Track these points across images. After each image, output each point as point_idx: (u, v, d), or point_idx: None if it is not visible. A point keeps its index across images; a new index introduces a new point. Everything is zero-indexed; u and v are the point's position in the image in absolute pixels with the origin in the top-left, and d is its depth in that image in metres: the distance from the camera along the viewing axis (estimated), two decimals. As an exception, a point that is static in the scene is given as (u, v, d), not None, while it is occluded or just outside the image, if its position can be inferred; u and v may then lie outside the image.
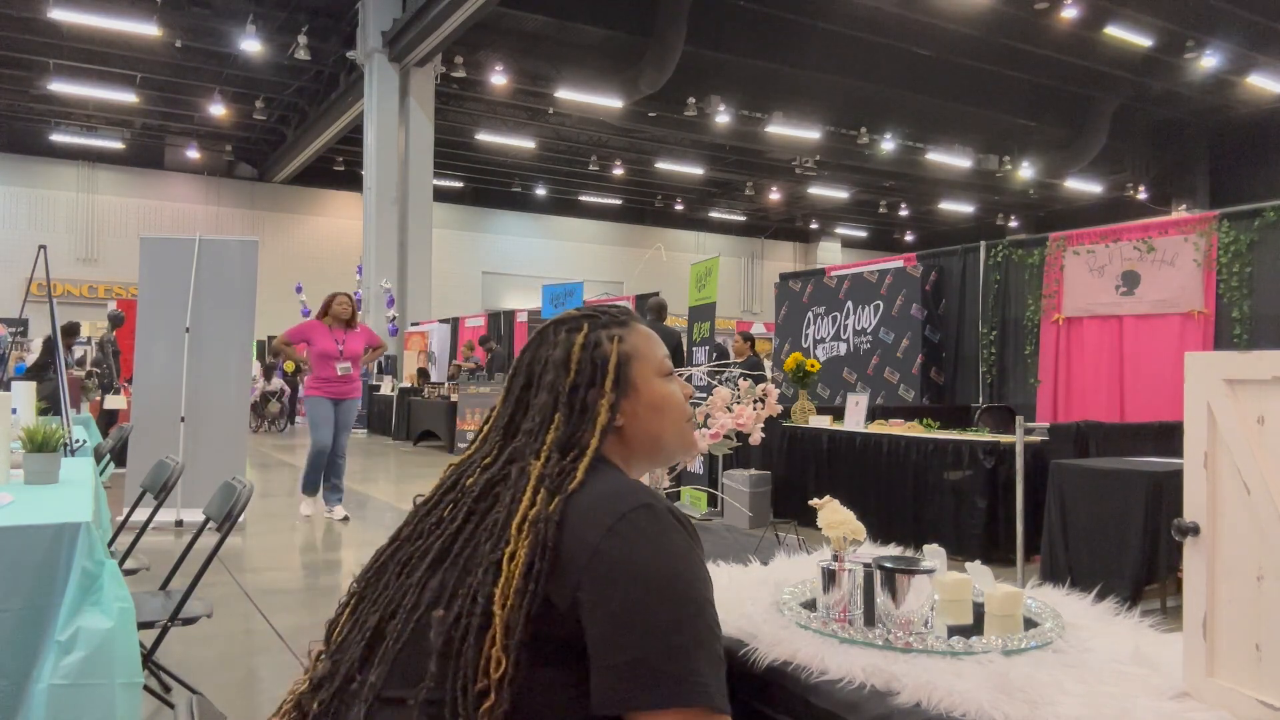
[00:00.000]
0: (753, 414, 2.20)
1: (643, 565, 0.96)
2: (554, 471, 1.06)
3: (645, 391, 1.18)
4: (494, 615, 0.96)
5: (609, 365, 1.15)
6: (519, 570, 0.97)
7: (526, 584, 0.97)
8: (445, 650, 0.96)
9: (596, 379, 1.15)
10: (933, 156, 21.27)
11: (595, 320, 1.21)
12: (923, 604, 1.18)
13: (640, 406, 1.17)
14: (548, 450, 1.09)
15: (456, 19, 13.83)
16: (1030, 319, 7.73)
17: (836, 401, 8.24)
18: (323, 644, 1.10)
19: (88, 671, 1.97)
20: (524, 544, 0.99)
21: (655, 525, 0.99)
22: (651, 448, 1.19)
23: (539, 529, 0.99)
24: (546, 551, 0.98)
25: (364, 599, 1.09)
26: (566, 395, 1.13)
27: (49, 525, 2.03)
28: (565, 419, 1.12)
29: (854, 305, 9.06)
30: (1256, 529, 0.90)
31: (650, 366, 1.19)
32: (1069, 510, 4.43)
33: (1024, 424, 4.78)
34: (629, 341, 1.19)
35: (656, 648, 0.93)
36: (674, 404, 1.21)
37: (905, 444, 6.04)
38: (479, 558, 1.01)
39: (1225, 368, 0.94)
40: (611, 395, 1.14)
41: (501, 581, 0.97)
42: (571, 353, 1.16)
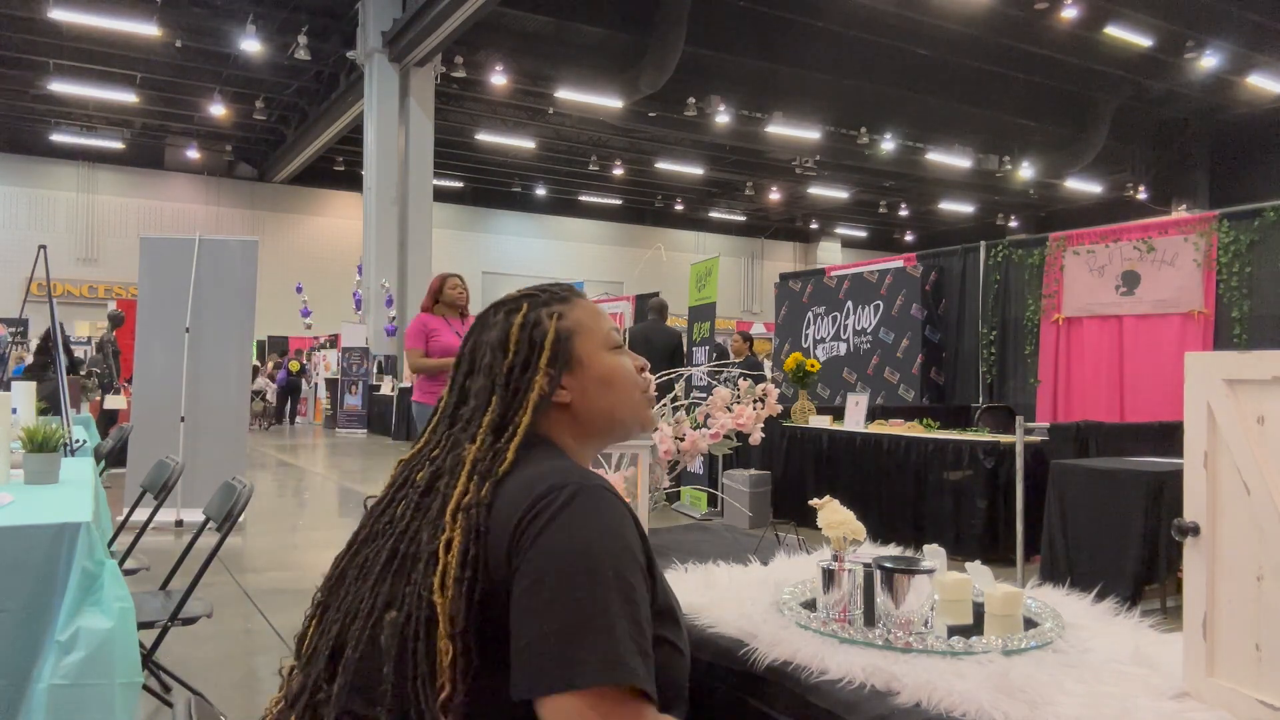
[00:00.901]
0: (753, 414, 2.20)
1: (554, 543, 0.94)
2: (487, 455, 1.04)
3: (592, 365, 1.15)
4: (437, 606, 0.94)
5: (545, 341, 1.13)
6: (455, 558, 0.96)
7: (463, 571, 0.95)
8: (400, 653, 0.95)
9: (533, 357, 1.12)
10: (933, 156, 21.27)
11: (535, 299, 1.18)
12: (923, 604, 1.18)
13: (588, 381, 1.14)
14: (483, 433, 1.07)
15: (456, 19, 13.83)
16: (1030, 319, 7.73)
17: (836, 401, 8.24)
18: (294, 659, 1.08)
19: (88, 671, 1.97)
20: (458, 531, 0.97)
21: (577, 504, 0.96)
22: (605, 423, 1.16)
23: (470, 515, 0.98)
24: (480, 536, 0.97)
25: (328, 608, 1.07)
26: (503, 376, 1.11)
27: (49, 525, 2.03)
28: (500, 400, 1.10)
29: (854, 305, 9.06)
30: (1256, 529, 0.90)
31: (595, 340, 1.17)
32: (1069, 510, 4.43)
33: (1024, 424, 4.78)
34: (570, 317, 1.16)
35: (556, 629, 0.90)
36: (623, 376, 1.18)
37: (905, 444, 6.04)
38: (420, 552, 0.99)
39: (1225, 368, 0.94)
40: (549, 371, 1.11)
41: (439, 570, 0.96)
42: (509, 333, 1.14)
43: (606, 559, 0.94)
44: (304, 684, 1.02)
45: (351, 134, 19.26)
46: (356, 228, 17.99)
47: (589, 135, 21.32)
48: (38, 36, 15.66)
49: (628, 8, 15.49)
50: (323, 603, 1.08)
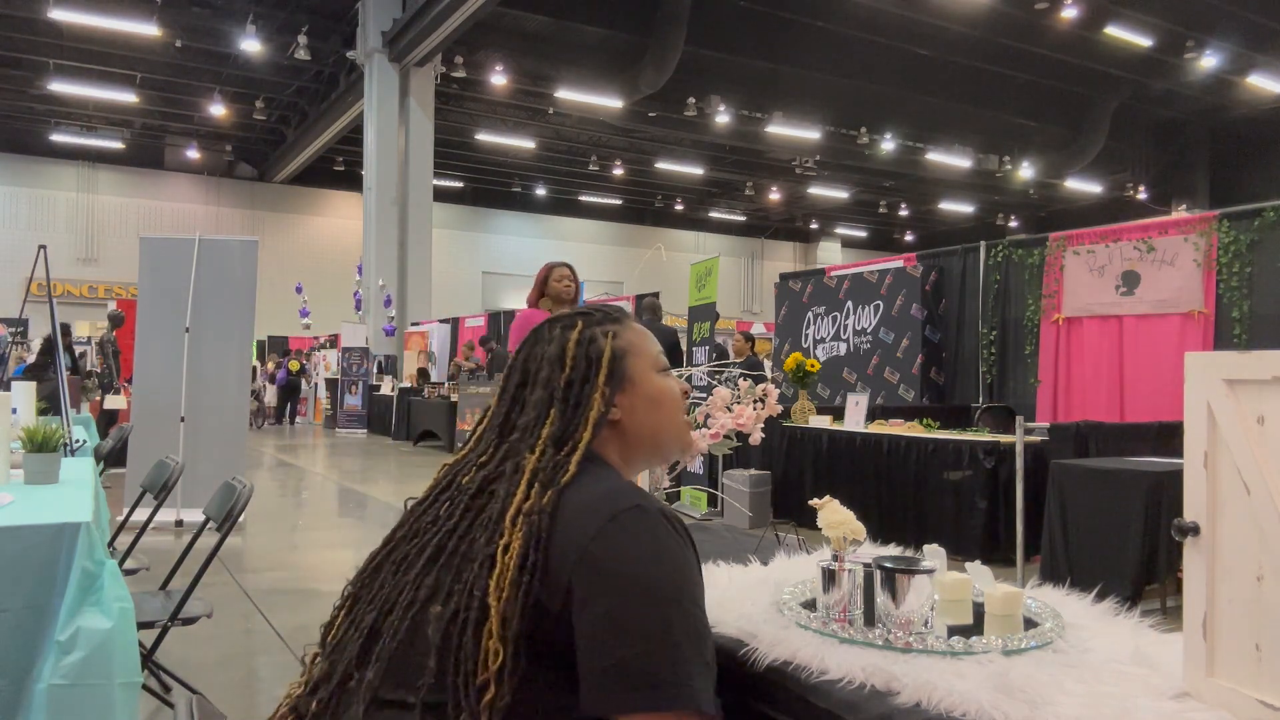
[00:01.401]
0: (753, 414, 2.20)
1: (631, 568, 0.96)
2: (548, 465, 1.07)
3: (642, 385, 1.18)
4: (490, 608, 0.96)
5: (603, 359, 1.16)
6: (513, 562, 0.97)
7: (521, 575, 0.97)
8: (444, 646, 0.96)
9: (590, 374, 1.15)
10: (933, 156, 21.27)
11: (590, 318, 1.22)
12: (923, 604, 1.18)
13: (637, 400, 1.17)
14: (542, 444, 1.10)
15: (456, 19, 13.83)
16: (1030, 319, 7.73)
17: (836, 401, 8.24)
18: (318, 647, 1.10)
19: (87, 671, 1.97)
20: (518, 536, 0.99)
21: (645, 527, 0.99)
22: (650, 442, 1.20)
23: (532, 520, 1.00)
24: (540, 543, 0.98)
25: (359, 599, 1.09)
26: (561, 390, 1.14)
27: (49, 525, 2.03)
28: (560, 414, 1.13)
29: (854, 305, 9.06)
30: (1256, 529, 0.90)
31: (646, 361, 1.20)
32: (1069, 510, 4.43)
33: (1024, 424, 4.78)
34: (624, 337, 1.20)
35: (643, 651, 0.93)
36: (671, 398, 1.21)
37: (905, 444, 6.04)
38: (474, 552, 1.01)
39: (1225, 368, 0.94)
40: (605, 389, 1.14)
41: (496, 573, 0.97)
42: (566, 348, 1.17)
43: (680, 586, 0.98)
44: (330, 671, 1.04)
45: (351, 134, 19.27)
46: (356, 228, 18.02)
47: (589, 135, 21.32)
48: (38, 36, 15.66)
49: (628, 8, 15.49)
50: (354, 594, 1.10)
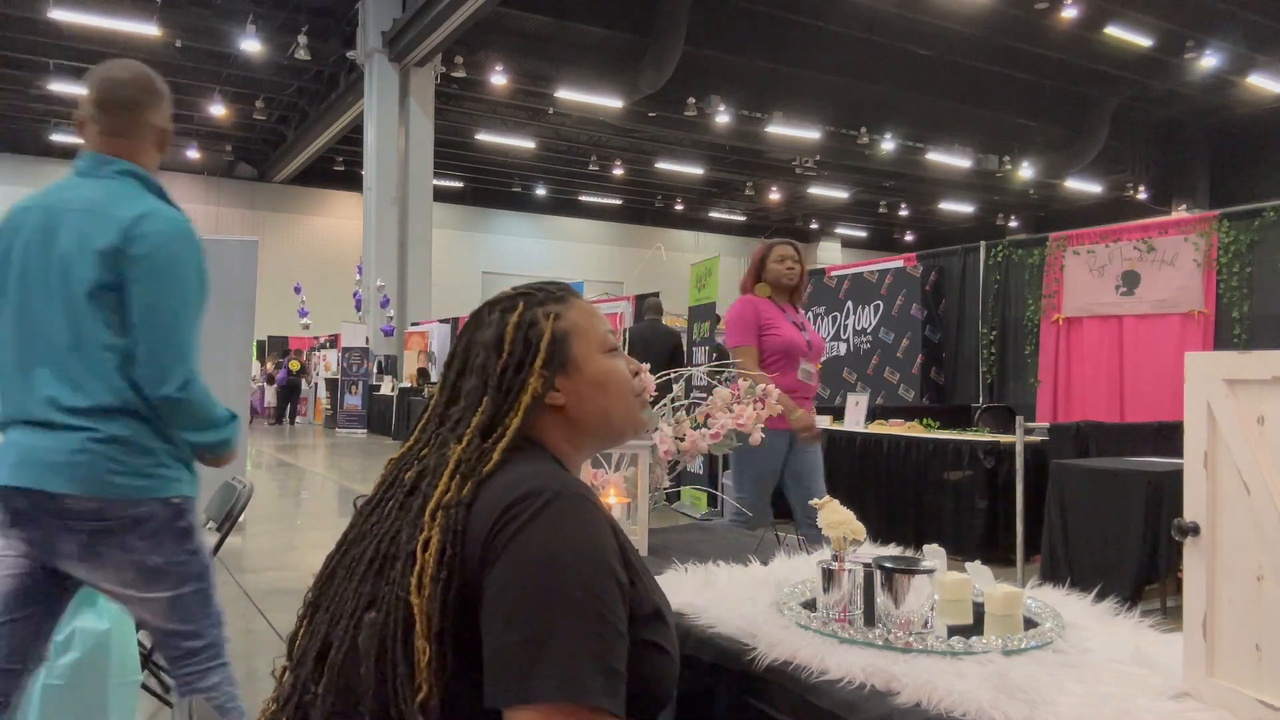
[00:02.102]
0: (753, 414, 2.20)
1: (523, 553, 0.93)
2: (472, 456, 1.03)
3: (587, 368, 1.13)
4: (413, 606, 0.94)
5: (541, 343, 1.11)
6: (432, 558, 0.95)
7: (439, 570, 0.94)
8: (379, 653, 0.94)
9: (528, 358, 1.10)
10: (933, 156, 21.27)
11: (531, 298, 1.16)
12: (923, 604, 1.18)
13: (582, 384, 1.13)
14: (470, 433, 1.06)
15: (456, 19, 13.83)
16: (1030, 319, 7.73)
17: (836, 401, 8.24)
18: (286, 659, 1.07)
19: (82, 672, 1.98)
20: (436, 530, 0.96)
21: (547, 512, 0.95)
22: (598, 426, 1.15)
23: (450, 514, 0.97)
24: (458, 536, 0.95)
25: (318, 608, 1.06)
26: (496, 377, 1.09)
27: (48, 525, 2.02)
28: (492, 401, 1.08)
29: (854, 305, 9.06)
30: (1256, 529, 0.90)
31: (591, 342, 1.15)
32: (1069, 510, 4.43)
33: (1024, 424, 4.78)
34: (567, 318, 1.14)
35: (512, 641, 0.89)
36: (618, 379, 1.16)
37: (905, 444, 6.04)
38: (398, 551, 0.99)
39: (1225, 368, 0.94)
40: (543, 372, 1.10)
41: (416, 570, 0.95)
42: (504, 333, 1.11)
43: (575, 572, 0.93)
44: (293, 685, 1.02)
45: (351, 134, 19.27)
46: (356, 228, 18.03)
47: (589, 135, 21.32)
48: (38, 36, 15.66)
49: (628, 8, 15.49)
50: (313, 602, 1.07)
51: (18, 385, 1.78)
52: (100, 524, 1.74)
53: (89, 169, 1.86)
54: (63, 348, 1.76)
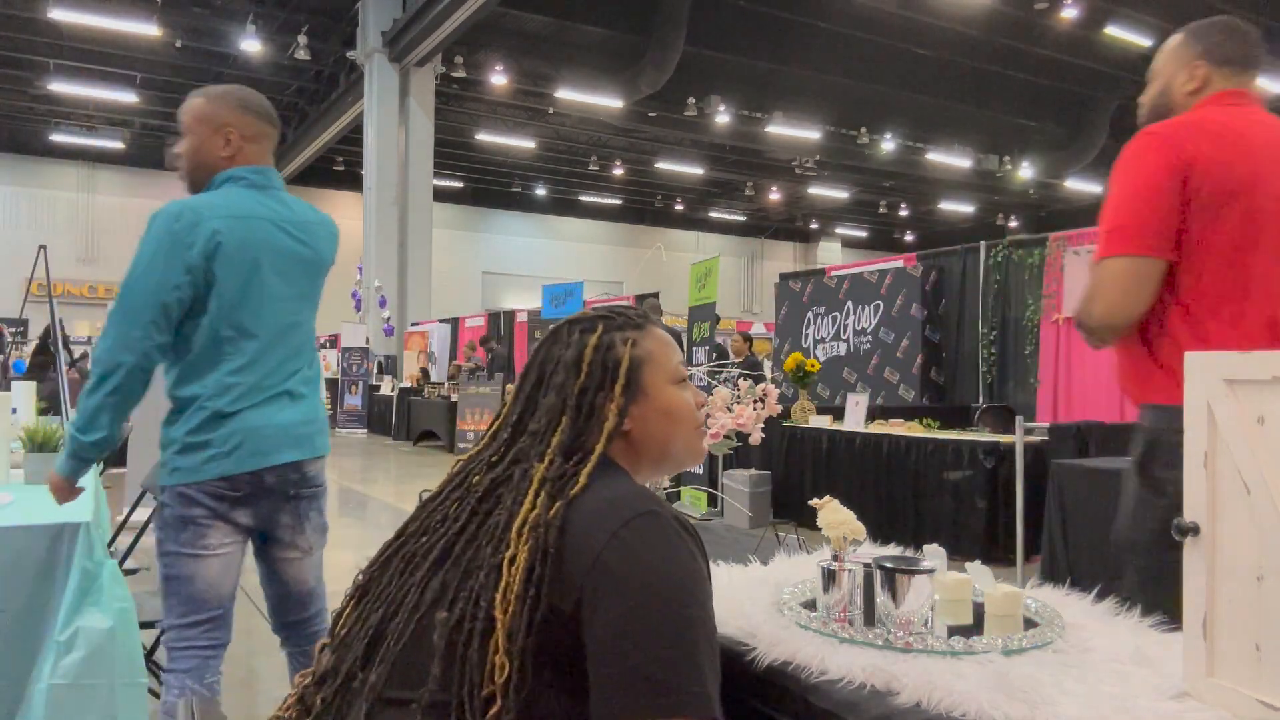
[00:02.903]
0: (753, 414, 2.19)
1: (643, 574, 0.95)
2: (556, 475, 1.05)
3: (656, 397, 1.16)
4: (496, 620, 0.95)
5: (620, 369, 1.14)
6: (519, 575, 0.96)
7: (527, 590, 0.96)
8: (449, 653, 0.96)
9: (606, 382, 1.13)
10: (933, 156, 21.27)
11: (610, 321, 1.19)
12: (923, 604, 1.18)
13: (650, 412, 1.15)
14: (552, 453, 1.08)
15: (456, 19, 13.84)
16: (1030, 319, 7.73)
17: (836, 401, 8.24)
18: (328, 637, 1.09)
19: (87, 671, 1.98)
20: (524, 548, 0.98)
21: (658, 533, 0.98)
22: (659, 454, 1.18)
23: (539, 534, 0.98)
24: (547, 557, 0.97)
25: (368, 593, 1.08)
26: (575, 397, 1.12)
27: (49, 525, 2.03)
28: (572, 421, 1.11)
29: (854, 305, 9.06)
30: (1256, 529, 0.90)
31: (663, 372, 1.18)
32: (1069, 510, 4.42)
33: (1024, 424, 4.78)
34: (643, 345, 1.17)
35: (655, 657, 0.92)
36: (685, 411, 1.19)
37: (905, 444, 6.04)
38: (480, 560, 1.00)
39: (1225, 368, 0.94)
40: (620, 399, 1.12)
41: (502, 586, 0.97)
42: (583, 354, 1.14)
43: (694, 592, 0.97)
44: (336, 666, 1.03)
45: (351, 134, 19.27)
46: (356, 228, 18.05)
47: (589, 135, 21.33)
48: (38, 36, 15.66)
49: (628, 8, 15.49)
50: (363, 586, 1.09)
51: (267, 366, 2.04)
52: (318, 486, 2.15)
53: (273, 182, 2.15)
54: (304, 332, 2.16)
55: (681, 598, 0.95)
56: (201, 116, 2.10)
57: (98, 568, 2.05)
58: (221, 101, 2.11)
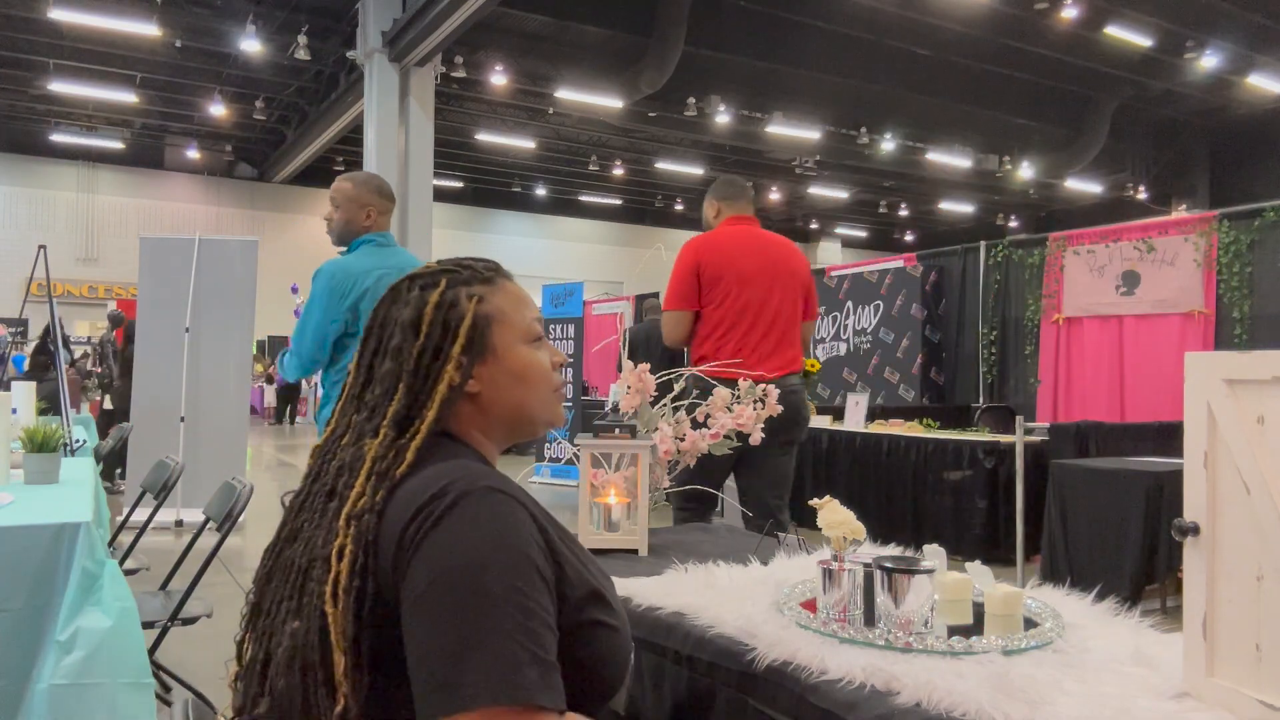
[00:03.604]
0: (753, 414, 2.20)
1: (435, 556, 0.89)
2: (387, 454, 0.99)
3: (507, 358, 1.09)
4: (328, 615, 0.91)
5: (462, 327, 1.05)
6: (345, 566, 0.92)
7: (352, 580, 0.91)
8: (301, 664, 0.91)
9: (445, 343, 1.04)
10: (933, 156, 21.26)
11: (455, 276, 1.10)
12: (923, 604, 1.18)
13: (500, 374, 1.08)
14: (385, 427, 1.01)
15: (456, 19, 13.82)
16: (1030, 319, 7.73)
17: (836, 401, 8.24)
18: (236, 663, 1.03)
19: (88, 671, 1.97)
20: (349, 538, 0.93)
21: (456, 511, 0.91)
22: (513, 418, 1.11)
23: (362, 521, 0.94)
24: (369, 545, 0.93)
25: (260, 612, 1.01)
26: (412, 362, 1.03)
27: (49, 525, 2.03)
28: (407, 389, 1.03)
29: (854, 305, 9.06)
30: (1256, 529, 0.90)
31: (515, 330, 1.10)
32: (1069, 510, 4.43)
33: (1024, 424, 4.78)
34: (491, 301, 1.09)
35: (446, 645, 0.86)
36: (539, 372, 1.12)
37: (905, 444, 6.04)
38: (316, 557, 0.95)
39: (1225, 368, 0.94)
40: (461, 359, 1.05)
41: (331, 578, 0.92)
42: (423, 313, 1.05)
43: (491, 568, 0.89)
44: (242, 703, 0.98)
45: (351, 134, 19.25)
46: (356, 228, 18.04)
47: (589, 135, 21.31)
48: (38, 36, 15.65)
49: (628, 8, 15.48)
50: (255, 605, 1.02)
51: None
52: None
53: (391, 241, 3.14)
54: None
55: (472, 578, 0.88)
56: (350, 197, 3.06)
57: (98, 568, 2.05)
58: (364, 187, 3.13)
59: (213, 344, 6.69)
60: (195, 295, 6.69)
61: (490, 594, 0.88)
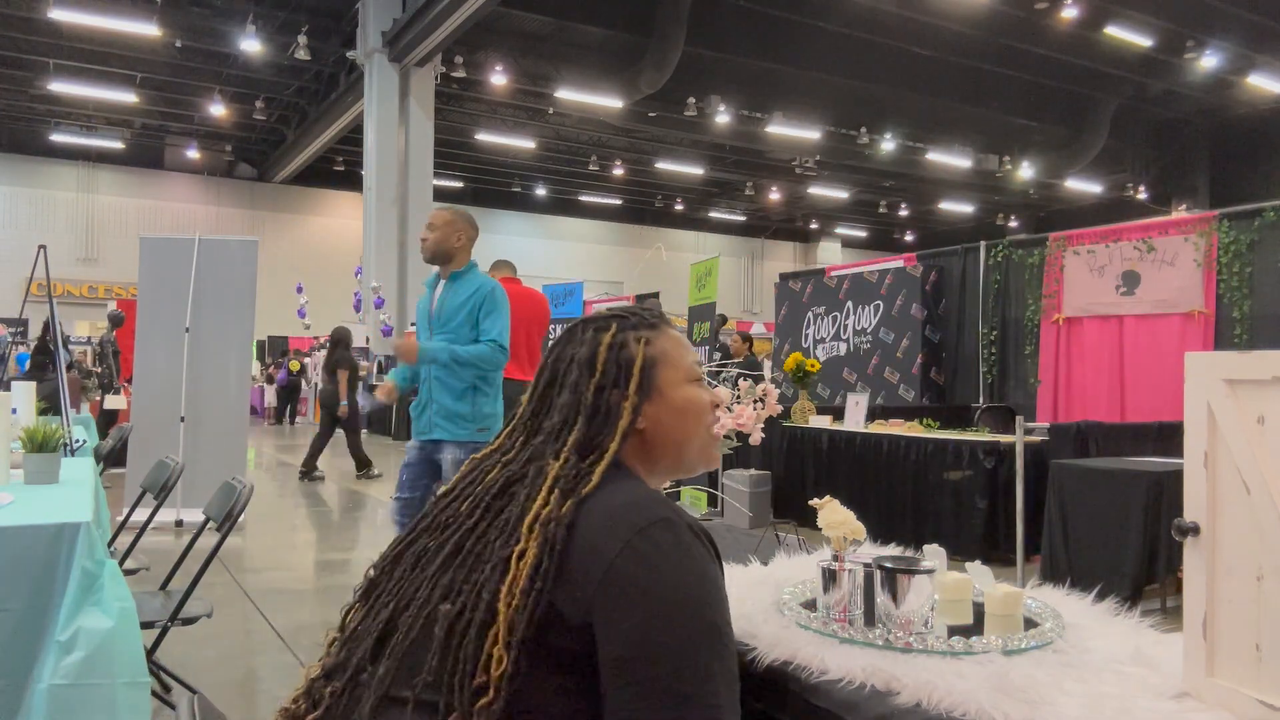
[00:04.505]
0: (753, 414, 2.20)
1: (660, 585, 0.95)
2: (570, 474, 1.06)
3: (671, 395, 1.16)
4: (498, 612, 0.96)
5: (634, 367, 1.14)
6: (526, 570, 0.97)
7: (532, 584, 0.96)
8: (446, 644, 0.96)
9: (620, 381, 1.13)
10: (933, 156, 21.26)
11: (624, 321, 1.19)
12: (923, 604, 1.18)
13: (664, 411, 1.15)
14: (567, 451, 1.09)
15: (456, 19, 13.83)
16: (1030, 319, 7.73)
17: (836, 401, 8.24)
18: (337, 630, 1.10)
19: (88, 671, 1.97)
20: (533, 543, 0.98)
21: (673, 542, 0.98)
22: (675, 454, 1.18)
23: (549, 529, 0.99)
24: (554, 552, 0.98)
25: (378, 589, 1.09)
26: (590, 396, 1.12)
27: (49, 525, 2.03)
28: (587, 420, 1.11)
29: (854, 305, 9.06)
30: (1256, 529, 0.90)
31: (678, 371, 1.18)
32: (1069, 510, 4.43)
33: (1024, 424, 4.78)
34: (656, 345, 1.18)
35: (671, 670, 0.92)
36: (700, 410, 1.19)
37: (905, 444, 6.03)
38: (489, 554, 1.01)
39: (1225, 368, 0.94)
40: (634, 398, 1.13)
41: (508, 579, 0.97)
42: (597, 352, 1.15)
43: (710, 601, 0.97)
44: (345, 660, 1.04)
45: (351, 134, 19.26)
46: (356, 228, 18.04)
47: (589, 135, 21.32)
48: (38, 36, 15.66)
49: (628, 8, 15.49)
50: (374, 581, 1.10)
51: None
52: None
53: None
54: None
55: (696, 610, 0.96)
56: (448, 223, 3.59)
57: (98, 568, 2.05)
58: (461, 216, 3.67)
59: (213, 344, 6.69)
60: (195, 295, 6.68)
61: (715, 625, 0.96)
